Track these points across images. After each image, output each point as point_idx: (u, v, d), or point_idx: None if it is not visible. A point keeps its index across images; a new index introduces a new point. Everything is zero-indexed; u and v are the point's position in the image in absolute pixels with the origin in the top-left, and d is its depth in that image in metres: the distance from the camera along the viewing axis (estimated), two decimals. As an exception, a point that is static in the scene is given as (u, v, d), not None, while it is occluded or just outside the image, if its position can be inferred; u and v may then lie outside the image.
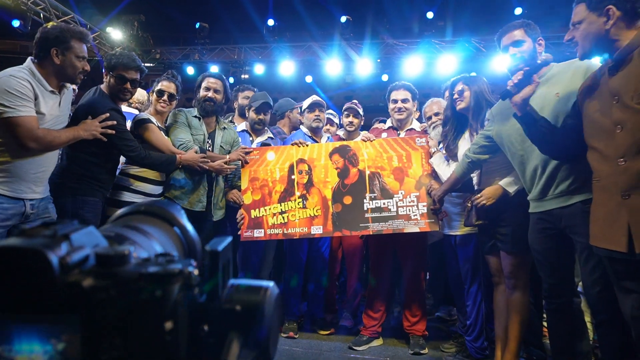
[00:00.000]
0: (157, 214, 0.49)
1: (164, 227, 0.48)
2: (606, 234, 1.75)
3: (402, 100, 3.34)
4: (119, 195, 2.85)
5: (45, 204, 2.43)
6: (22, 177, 2.28)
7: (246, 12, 9.17)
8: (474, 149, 2.59)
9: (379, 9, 9.91)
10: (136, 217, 0.47)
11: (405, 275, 3.29)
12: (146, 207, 0.49)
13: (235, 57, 9.63)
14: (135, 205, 0.51)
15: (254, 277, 3.42)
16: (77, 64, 2.37)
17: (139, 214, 0.48)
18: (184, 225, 0.50)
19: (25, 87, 2.19)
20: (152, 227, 0.46)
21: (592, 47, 1.81)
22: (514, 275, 2.54)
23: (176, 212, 0.50)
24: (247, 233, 3.12)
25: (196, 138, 3.08)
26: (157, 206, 0.50)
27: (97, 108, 2.56)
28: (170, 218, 0.49)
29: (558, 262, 2.18)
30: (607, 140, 1.75)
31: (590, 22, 1.78)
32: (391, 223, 3.02)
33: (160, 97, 3.04)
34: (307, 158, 3.20)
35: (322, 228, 3.08)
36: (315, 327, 3.56)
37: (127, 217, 0.48)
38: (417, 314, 3.23)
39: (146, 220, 0.47)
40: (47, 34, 2.33)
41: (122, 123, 2.70)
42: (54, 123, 2.39)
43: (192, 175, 3.03)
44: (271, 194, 3.16)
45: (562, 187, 2.10)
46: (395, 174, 3.10)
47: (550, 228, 2.17)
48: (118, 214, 0.49)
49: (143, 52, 9.72)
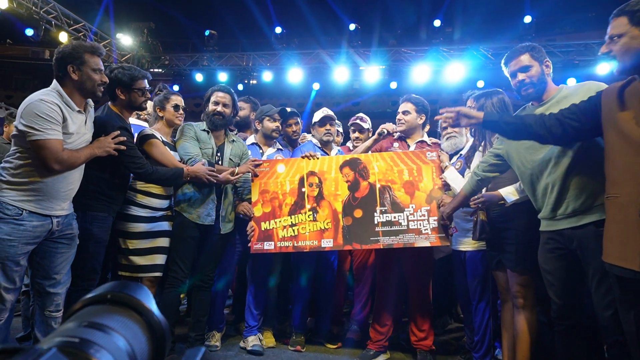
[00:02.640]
0: (125, 302, 0.47)
1: (132, 316, 0.46)
2: (621, 251, 1.72)
3: (402, 112, 3.37)
4: (127, 210, 2.89)
5: (69, 220, 2.48)
6: (53, 195, 2.34)
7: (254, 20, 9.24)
8: (482, 167, 2.57)
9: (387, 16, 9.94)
10: (102, 309, 0.46)
11: (412, 290, 3.25)
12: (113, 295, 0.47)
13: (243, 64, 9.68)
14: (102, 291, 0.48)
15: (262, 289, 3.43)
16: (94, 76, 2.43)
17: (106, 304, 0.46)
18: (152, 313, 0.48)
19: (54, 111, 2.26)
20: (119, 318, 0.45)
21: (633, 63, 1.76)
22: (521, 294, 2.51)
23: (144, 298, 0.48)
24: (257, 245, 3.11)
25: (205, 152, 3.08)
26: (124, 294, 0.48)
27: (108, 126, 2.62)
28: (137, 306, 0.47)
29: (568, 283, 2.15)
30: (632, 156, 1.71)
31: (633, 37, 1.73)
32: (402, 237, 3.01)
33: (177, 111, 3.12)
34: (318, 171, 3.19)
35: (332, 241, 3.07)
36: (322, 340, 3.53)
37: (93, 308, 0.46)
38: (424, 328, 3.19)
39: (112, 312, 0.45)
40: (61, 53, 2.40)
41: (131, 140, 2.74)
42: (81, 142, 2.45)
43: (200, 188, 3.04)
44: (281, 206, 3.16)
45: (573, 206, 2.07)
46: (405, 187, 3.09)
47: (561, 248, 2.14)
48: (85, 300, 0.47)
49: (152, 59, 9.81)
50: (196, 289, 3.18)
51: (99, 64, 2.46)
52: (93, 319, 0.42)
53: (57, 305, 2.43)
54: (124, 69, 2.76)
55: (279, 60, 9.50)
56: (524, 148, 2.29)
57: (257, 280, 3.43)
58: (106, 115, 2.74)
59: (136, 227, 2.89)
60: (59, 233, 2.40)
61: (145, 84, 2.80)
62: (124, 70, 2.75)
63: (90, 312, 0.45)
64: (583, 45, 8.63)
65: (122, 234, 2.90)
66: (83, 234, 2.58)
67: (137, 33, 9.38)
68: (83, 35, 8.10)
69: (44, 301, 2.40)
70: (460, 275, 3.09)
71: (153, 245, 2.92)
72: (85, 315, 0.43)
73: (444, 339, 3.68)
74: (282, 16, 9.41)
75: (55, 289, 2.41)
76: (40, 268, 2.39)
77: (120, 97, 2.75)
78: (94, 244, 2.63)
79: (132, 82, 2.73)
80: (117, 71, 2.73)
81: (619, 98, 1.83)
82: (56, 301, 2.42)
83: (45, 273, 2.39)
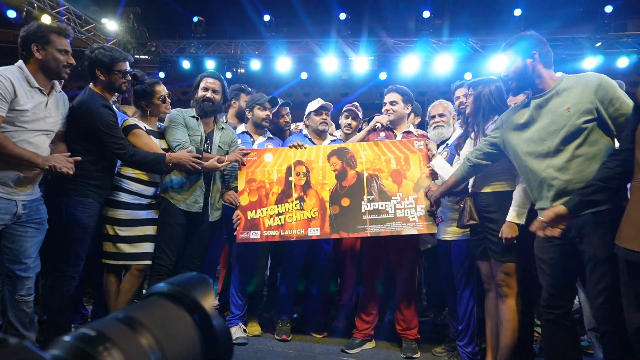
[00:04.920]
0: (176, 297, 0.43)
1: (180, 316, 0.42)
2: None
3: (390, 103, 3.37)
4: (114, 196, 2.86)
5: (37, 204, 2.45)
6: (14, 178, 2.31)
7: (243, 7, 9.08)
8: (476, 154, 2.56)
9: (377, 6, 9.86)
10: (149, 303, 0.42)
11: (398, 280, 3.28)
12: (170, 289, 0.43)
13: (231, 52, 9.55)
14: (165, 285, 0.44)
15: (249, 278, 3.41)
16: (59, 57, 2.39)
17: (161, 298, 0.43)
18: (206, 314, 0.43)
19: (3, 86, 2.20)
20: (161, 316, 0.41)
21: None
22: (505, 282, 2.55)
23: (200, 295, 0.44)
24: (244, 234, 3.09)
25: (194, 139, 3.04)
26: (179, 287, 0.44)
27: (92, 105, 2.61)
28: (189, 304, 0.43)
29: (562, 273, 2.16)
30: None
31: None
32: (389, 225, 3.01)
33: (164, 102, 3.08)
34: (305, 160, 3.18)
35: (319, 230, 3.06)
36: (308, 329, 3.54)
37: (146, 301, 0.42)
38: (410, 317, 3.23)
39: (158, 308, 0.42)
40: (26, 32, 2.36)
41: (114, 120, 2.69)
42: (42, 124, 2.39)
43: (188, 175, 3.00)
44: (268, 195, 3.14)
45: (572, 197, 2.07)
46: (393, 176, 3.09)
47: (557, 238, 2.13)
48: (148, 292, 0.44)
49: (139, 45, 9.62)
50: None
51: (66, 45, 2.41)
52: (131, 312, 0.40)
53: (28, 289, 2.41)
54: (105, 50, 2.71)
55: (267, 49, 9.39)
56: (522, 139, 2.30)
57: (243, 267, 3.41)
58: (88, 95, 2.70)
59: (124, 213, 2.85)
60: (27, 217, 2.38)
61: (126, 66, 2.75)
62: (105, 50, 2.70)
63: (139, 304, 0.42)
64: (570, 40, 8.68)
65: (108, 220, 2.86)
66: (67, 219, 2.55)
67: (123, 18, 9.17)
68: (67, 18, 7.90)
69: (15, 286, 2.38)
70: (445, 265, 3.12)
71: (141, 233, 2.89)
72: (132, 307, 0.41)
73: (429, 327, 3.72)
74: (271, 4, 9.27)
75: (26, 273, 2.39)
76: (9, 252, 2.37)
77: (100, 78, 2.71)
78: (78, 229, 2.60)
79: (113, 64, 2.69)
80: (98, 51, 2.69)
81: None
82: (27, 285, 2.41)
83: (14, 257, 2.37)
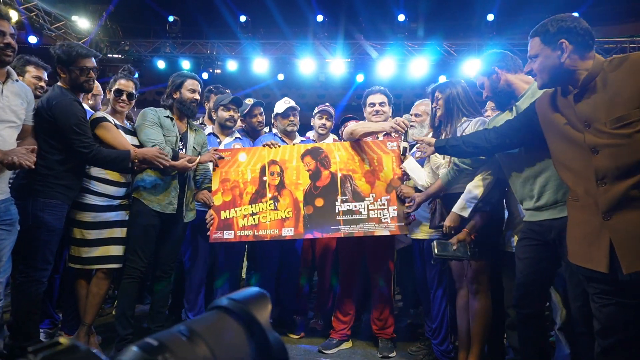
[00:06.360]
0: (234, 311, 0.46)
1: (235, 329, 0.45)
2: (586, 253, 1.76)
3: (379, 104, 3.37)
4: (81, 198, 2.77)
5: (7, 205, 2.35)
6: None
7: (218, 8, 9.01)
8: (463, 160, 2.56)
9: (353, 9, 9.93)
10: (210, 317, 0.45)
11: (373, 280, 3.30)
12: (229, 303, 0.46)
13: (207, 52, 9.46)
14: (226, 298, 0.47)
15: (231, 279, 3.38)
16: None
17: (216, 310, 0.46)
18: (261, 328, 0.46)
19: None
20: (219, 329, 0.44)
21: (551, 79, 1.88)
22: (476, 280, 2.60)
23: (257, 310, 0.47)
24: (217, 234, 3.06)
25: (168, 139, 2.98)
26: (237, 302, 0.46)
27: (62, 102, 2.54)
28: (246, 318, 0.46)
29: (533, 273, 2.18)
30: (582, 162, 1.76)
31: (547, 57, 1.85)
32: (362, 226, 3.03)
33: (119, 96, 2.92)
34: (279, 159, 3.17)
35: (293, 230, 3.06)
36: (285, 330, 3.53)
37: (208, 314, 0.45)
38: (385, 317, 3.25)
39: (219, 321, 0.44)
40: None
41: (83, 116, 2.62)
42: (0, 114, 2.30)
43: (162, 176, 2.95)
44: (242, 195, 3.11)
45: (555, 198, 2.11)
46: (366, 177, 3.11)
47: (537, 239, 2.17)
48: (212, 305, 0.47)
49: (111, 44, 9.44)
50: (156, 280, 3.09)
51: (2, 25, 2.27)
52: (191, 325, 0.43)
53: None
54: (64, 46, 2.63)
55: (243, 50, 9.34)
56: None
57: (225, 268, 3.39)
58: (57, 92, 2.62)
59: (91, 216, 2.77)
60: None
61: (87, 63, 2.64)
62: (64, 47, 2.62)
63: (200, 318, 0.45)
64: (540, 44, 8.94)
65: (75, 223, 2.78)
66: (34, 222, 2.46)
67: (94, 16, 8.97)
68: (35, 15, 7.67)
69: None
70: (418, 264, 3.15)
71: (109, 236, 2.82)
72: (193, 320, 0.44)
73: (405, 326, 3.76)
74: (247, 5, 9.23)
75: None
76: None
77: (62, 76, 2.64)
78: (45, 232, 2.51)
79: (71, 60, 2.59)
80: (57, 47, 2.62)
81: (552, 105, 1.92)
82: None
83: None
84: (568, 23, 1.81)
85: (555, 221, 2.07)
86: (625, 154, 1.64)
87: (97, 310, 2.90)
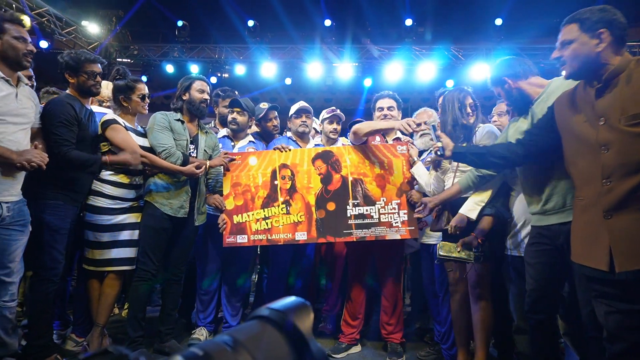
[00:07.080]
0: (276, 321, 0.46)
1: (277, 338, 0.45)
2: (587, 252, 1.76)
3: (388, 108, 3.39)
4: (94, 201, 2.84)
5: (20, 206, 2.40)
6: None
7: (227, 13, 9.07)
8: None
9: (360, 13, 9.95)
10: (254, 327, 0.45)
11: (383, 284, 3.30)
12: (271, 313, 0.46)
13: (215, 57, 9.51)
14: (268, 308, 0.47)
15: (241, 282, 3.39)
16: (17, 45, 2.37)
17: (258, 319, 0.46)
18: (303, 337, 0.47)
19: None
20: (262, 340, 0.44)
21: (581, 67, 1.83)
22: (479, 284, 2.60)
23: (299, 319, 0.47)
24: (230, 239, 3.08)
25: (179, 143, 3.01)
26: (279, 312, 0.47)
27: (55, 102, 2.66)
28: (288, 328, 0.46)
29: (545, 279, 2.17)
30: (591, 159, 1.77)
31: (583, 43, 1.79)
32: (374, 230, 3.04)
33: (143, 101, 3.04)
34: (290, 163, 3.18)
35: (306, 234, 3.07)
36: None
37: (251, 323, 0.46)
38: (395, 322, 3.24)
39: (263, 332, 0.45)
40: None
41: (69, 119, 2.62)
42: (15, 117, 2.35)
43: (174, 180, 2.98)
44: (254, 199, 3.13)
45: (563, 202, 2.10)
46: (377, 180, 3.12)
47: (547, 244, 2.16)
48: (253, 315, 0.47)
49: (121, 48, 9.52)
50: (167, 282, 3.12)
51: (22, 32, 2.39)
52: (234, 334, 0.43)
53: (12, 294, 2.34)
54: (72, 53, 2.74)
55: (251, 54, 9.39)
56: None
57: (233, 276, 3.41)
58: (60, 96, 2.74)
59: (103, 219, 2.81)
60: (11, 219, 2.32)
61: (94, 68, 2.76)
62: (72, 53, 2.73)
63: (243, 327, 0.46)
64: (549, 49, 8.89)
65: (88, 226, 2.83)
66: (36, 223, 2.50)
67: (105, 21, 9.06)
68: (46, 20, 7.77)
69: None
70: (427, 269, 3.15)
71: (122, 238, 2.86)
72: (236, 329, 0.45)
73: (414, 331, 3.75)
74: (255, 10, 9.28)
75: (10, 278, 2.32)
76: None
77: (70, 81, 2.74)
78: (48, 232, 2.56)
79: (79, 65, 2.70)
80: (65, 54, 2.72)
81: (570, 103, 1.91)
82: (11, 290, 2.34)
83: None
84: (610, 14, 1.77)
85: (564, 226, 2.06)
86: (632, 152, 1.64)
87: (110, 311, 2.93)
